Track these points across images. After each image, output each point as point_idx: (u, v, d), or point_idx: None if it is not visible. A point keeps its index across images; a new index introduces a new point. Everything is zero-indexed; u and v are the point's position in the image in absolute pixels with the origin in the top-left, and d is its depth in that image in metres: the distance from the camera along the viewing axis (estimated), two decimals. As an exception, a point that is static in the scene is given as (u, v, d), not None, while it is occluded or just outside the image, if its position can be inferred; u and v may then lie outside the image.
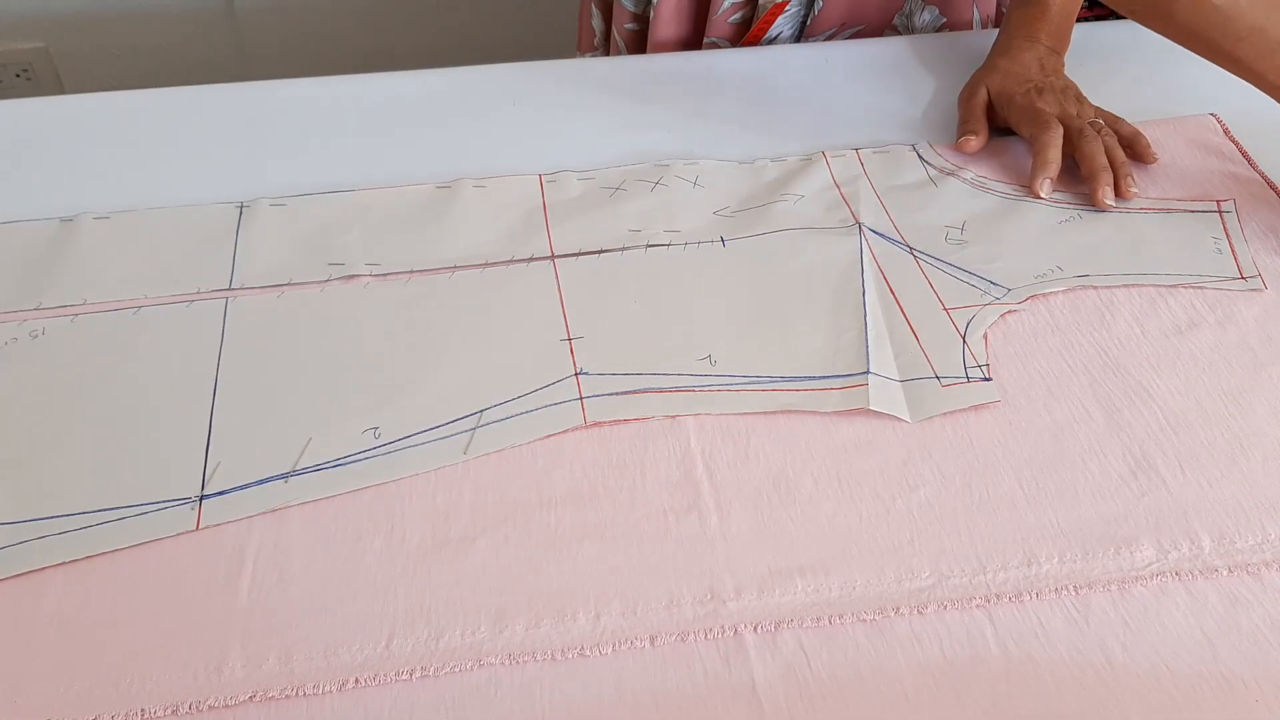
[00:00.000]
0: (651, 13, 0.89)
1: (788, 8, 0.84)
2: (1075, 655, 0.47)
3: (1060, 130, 0.72)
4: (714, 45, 0.88)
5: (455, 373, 0.58)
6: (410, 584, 0.49)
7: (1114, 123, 0.75)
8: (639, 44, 0.93)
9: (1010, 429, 0.56)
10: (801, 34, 0.87)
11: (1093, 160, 0.70)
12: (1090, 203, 0.70)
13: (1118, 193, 0.70)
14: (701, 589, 0.49)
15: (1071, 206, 0.70)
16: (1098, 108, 0.76)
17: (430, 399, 0.57)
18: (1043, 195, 0.70)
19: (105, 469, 0.53)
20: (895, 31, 0.89)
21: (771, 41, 0.86)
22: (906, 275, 0.65)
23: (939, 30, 0.91)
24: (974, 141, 0.74)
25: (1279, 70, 0.66)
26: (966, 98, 0.78)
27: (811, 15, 0.85)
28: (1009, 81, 0.76)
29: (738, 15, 0.86)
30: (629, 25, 0.92)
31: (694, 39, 0.91)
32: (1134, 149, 0.73)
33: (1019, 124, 0.75)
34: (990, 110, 0.77)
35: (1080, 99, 0.75)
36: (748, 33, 0.87)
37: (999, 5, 0.91)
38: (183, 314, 0.62)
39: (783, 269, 0.65)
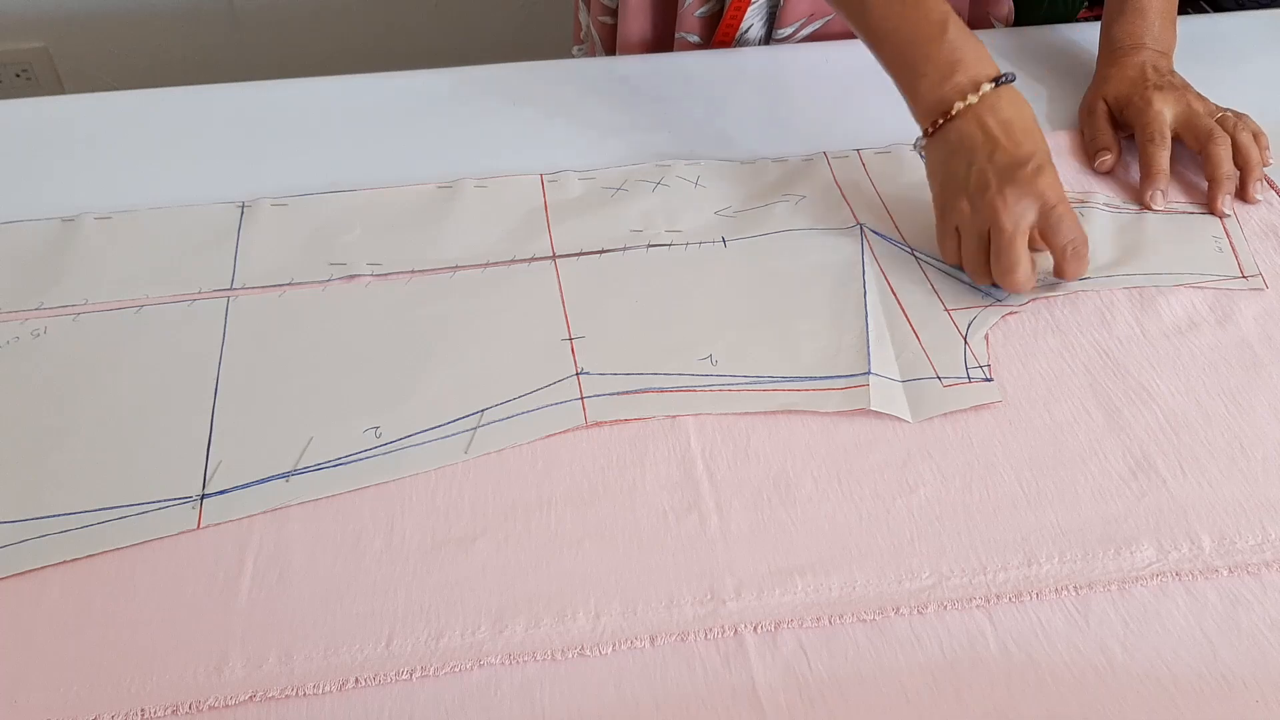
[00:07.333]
0: (620, 6, 0.89)
1: (755, 1, 0.84)
2: (1075, 655, 0.47)
3: (1168, 143, 0.71)
4: (684, 40, 0.88)
5: (456, 372, 0.58)
6: (410, 584, 0.49)
7: (1239, 119, 0.72)
8: (612, 36, 0.93)
9: (1010, 429, 0.56)
10: (771, 26, 0.87)
11: (1218, 167, 0.69)
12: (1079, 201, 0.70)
13: (1242, 197, 0.69)
14: (701, 589, 0.49)
15: (1075, 206, 0.70)
16: (1220, 106, 0.73)
17: (431, 399, 0.57)
18: (1155, 207, 0.69)
19: (106, 468, 0.53)
20: None
21: (743, 35, 0.86)
22: (908, 276, 0.65)
23: None
24: (1109, 159, 0.73)
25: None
26: (1087, 114, 0.76)
27: (779, 6, 0.85)
28: (1123, 86, 0.74)
29: (705, 9, 0.86)
30: (602, 18, 0.93)
31: (664, 34, 0.91)
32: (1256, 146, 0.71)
33: (1134, 127, 0.73)
34: (1113, 121, 0.75)
35: (1201, 97, 0.73)
36: (717, 26, 0.87)
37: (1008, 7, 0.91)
38: (184, 314, 0.62)
39: (784, 269, 0.65)
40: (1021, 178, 0.60)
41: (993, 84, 0.62)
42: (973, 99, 0.61)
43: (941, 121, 0.63)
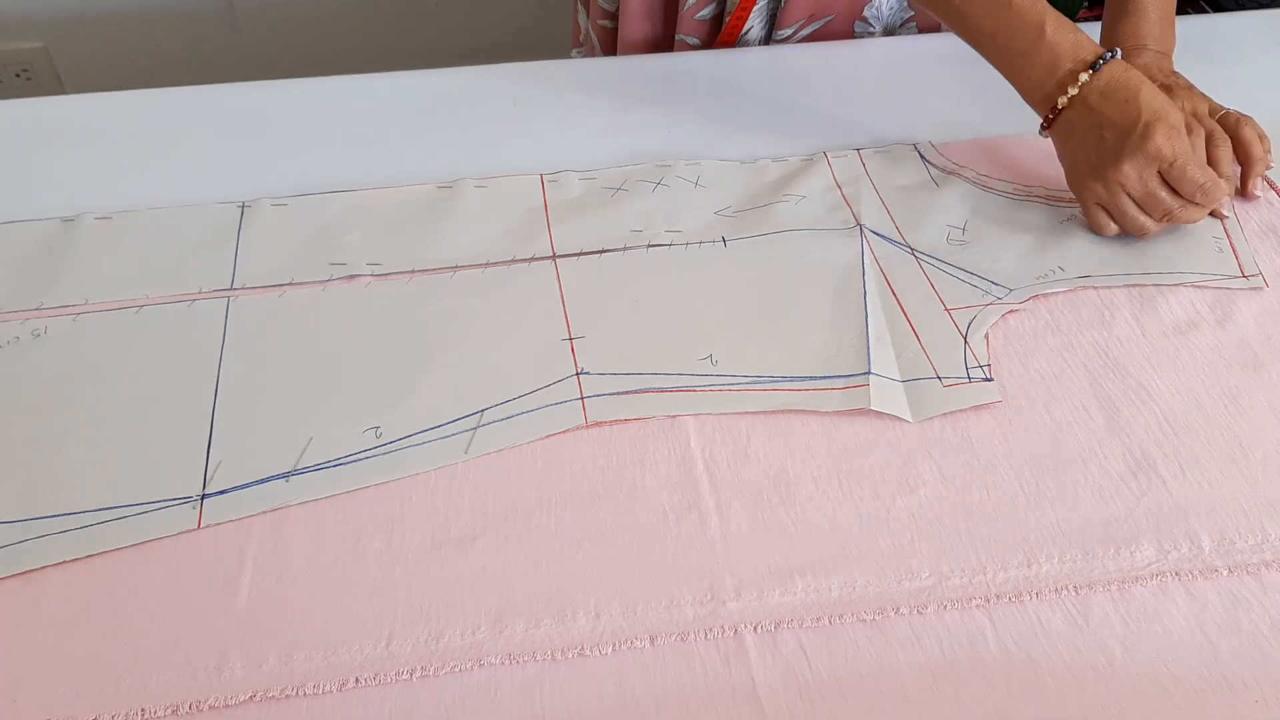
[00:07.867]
0: (621, 9, 0.89)
1: (759, 1, 0.84)
2: (1075, 655, 0.47)
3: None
4: (684, 43, 0.88)
5: (456, 372, 0.58)
6: (410, 584, 0.49)
7: (1242, 117, 0.72)
8: (611, 40, 0.93)
9: (1010, 429, 0.56)
10: (771, 27, 0.87)
11: (1214, 169, 0.67)
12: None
13: (1242, 193, 0.71)
14: (701, 589, 0.49)
15: (1073, 206, 0.70)
16: (1223, 107, 0.73)
17: (431, 399, 0.57)
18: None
19: (107, 468, 0.53)
20: (866, 23, 0.89)
21: (743, 36, 0.86)
22: (908, 276, 0.65)
23: (907, 23, 0.90)
24: None
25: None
26: None
27: (779, 8, 0.85)
28: None
29: (706, 11, 0.86)
30: (602, 22, 0.93)
31: (664, 37, 0.91)
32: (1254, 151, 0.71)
33: None
34: None
35: (1205, 97, 0.73)
36: (719, 29, 0.87)
37: None
38: (184, 314, 0.62)
39: (784, 269, 0.65)
40: (1130, 146, 0.64)
41: (1089, 71, 0.64)
42: (1073, 91, 0.65)
43: (1052, 116, 0.67)
